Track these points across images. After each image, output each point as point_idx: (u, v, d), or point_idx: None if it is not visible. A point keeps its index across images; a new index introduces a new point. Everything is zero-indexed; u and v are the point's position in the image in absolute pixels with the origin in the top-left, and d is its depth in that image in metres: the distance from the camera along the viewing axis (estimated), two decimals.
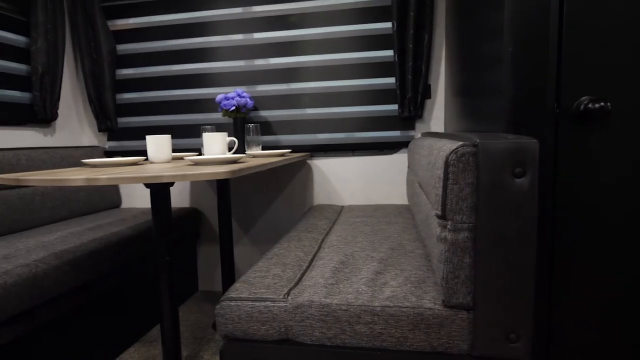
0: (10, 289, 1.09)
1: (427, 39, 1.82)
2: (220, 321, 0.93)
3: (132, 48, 2.16)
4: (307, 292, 0.93)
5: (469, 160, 0.79)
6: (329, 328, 0.88)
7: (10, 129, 1.82)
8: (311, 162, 2.07)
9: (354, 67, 1.98)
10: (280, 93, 2.05)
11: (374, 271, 1.02)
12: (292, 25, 2.02)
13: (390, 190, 2.02)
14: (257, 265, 1.13)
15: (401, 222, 1.54)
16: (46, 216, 1.76)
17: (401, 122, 1.96)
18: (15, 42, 1.85)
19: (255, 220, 2.14)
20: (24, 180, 0.97)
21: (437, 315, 0.84)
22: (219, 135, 1.42)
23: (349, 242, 1.29)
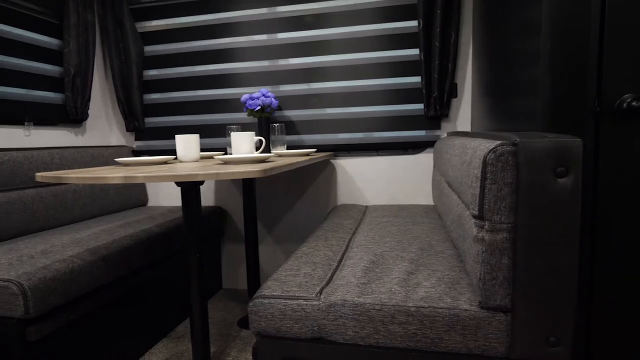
0: (49, 284, 1.13)
1: (454, 37, 1.79)
2: (253, 318, 0.94)
3: (159, 49, 2.20)
4: (339, 291, 0.93)
5: (508, 159, 0.78)
6: (362, 327, 0.88)
7: (44, 128, 1.88)
8: (335, 162, 2.07)
9: (378, 66, 1.97)
10: (304, 93, 2.06)
11: (405, 271, 1.02)
12: (315, 25, 2.02)
13: (414, 190, 2.00)
14: (287, 263, 1.14)
15: (428, 223, 1.53)
16: (78, 213, 1.81)
17: (426, 121, 1.94)
18: (49, 44, 1.91)
19: (279, 220, 2.15)
20: (65, 178, 1.00)
21: (473, 316, 0.83)
22: (246, 134, 1.44)
23: (377, 242, 1.28)
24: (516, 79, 1.18)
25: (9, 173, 1.53)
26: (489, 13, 1.54)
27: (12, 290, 1.05)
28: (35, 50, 1.84)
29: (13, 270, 1.12)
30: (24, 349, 1.08)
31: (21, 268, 1.13)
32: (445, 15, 1.76)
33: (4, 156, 1.53)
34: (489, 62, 1.56)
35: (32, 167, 1.62)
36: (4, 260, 1.22)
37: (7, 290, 1.05)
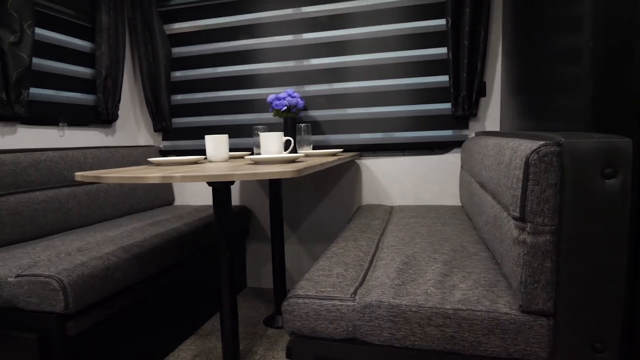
0: (87, 280, 1.16)
1: (483, 35, 1.76)
2: (288, 318, 0.94)
3: (186, 51, 2.23)
4: (374, 292, 0.92)
5: (552, 160, 0.76)
6: (398, 329, 0.87)
7: (77, 129, 1.93)
8: (360, 162, 2.06)
9: (404, 65, 1.95)
10: (329, 93, 2.06)
11: (439, 273, 1.00)
12: (340, 25, 2.02)
13: (441, 191, 1.97)
14: (319, 263, 1.14)
15: (458, 224, 1.50)
16: (109, 212, 1.85)
17: (454, 121, 1.92)
18: (82, 47, 1.96)
19: (303, 219, 2.15)
20: (104, 177, 1.02)
21: (513, 320, 0.81)
22: (275, 135, 1.44)
23: (407, 243, 1.27)
24: (553, 77, 1.15)
25: (46, 172, 1.58)
26: (521, 10, 1.50)
27: (53, 286, 1.08)
28: (69, 53, 1.89)
29: (53, 266, 1.15)
30: (64, 343, 1.12)
31: (60, 265, 1.17)
32: (474, 13, 1.73)
33: (42, 156, 1.58)
34: (520, 60, 1.53)
35: (67, 167, 1.67)
36: (43, 256, 1.26)
37: (48, 286, 1.09)
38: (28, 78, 1.60)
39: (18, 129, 1.65)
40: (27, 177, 1.50)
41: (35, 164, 1.54)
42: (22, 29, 1.56)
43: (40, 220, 1.53)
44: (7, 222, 1.41)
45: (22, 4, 1.55)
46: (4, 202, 1.41)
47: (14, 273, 1.14)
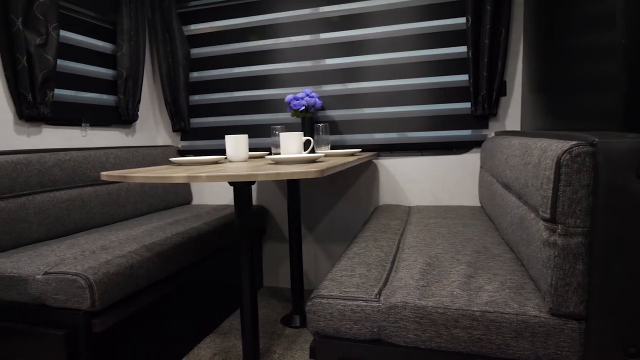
0: (112, 278, 1.18)
1: (504, 34, 1.74)
2: (312, 318, 0.94)
3: (204, 51, 2.25)
4: (399, 293, 0.92)
5: (585, 160, 0.74)
6: (424, 331, 0.87)
7: (98, 129, 1.96)
8: (377, 162, 2.05)
9: (423, 64, 1.94)
10: (347, 92, 2.06)
11: (464, 274, 0.99)
12: (357, 24, 2.01)
13: (459, 192, 1.95)
14: (341, 263, 1.14)
15: (478, 225, 1.49)
16: (130, 210, 1.88)
17: (473, 120, 1.90)
18: (103, 48, 1.99)
19: (320, 219, 2.15)
20: (130, 177, 1.04)
21: (543, 323, 0.80)
22: (295, 135, 1.45)
23: (428, 244, 1.26)
24: (581, 76, 1.12)
25: (70, 172, 1.61)
26: (545, 7, 1.48)
27: (79, 284, 1.10)
28: (91, 55, 1.92)
29: (79, 264, 1.18)
30: (90, 340, 1.14)
31: (86, 263, 1.19)
32: (495, 11, 1.71)
33: (66, 156, 1.61)
34: (543, 59, 1.50)
35: (90, 166, 1.70)
36: (69, 254, 1.28)
37: (75, 283, 1.11)
38: (53, 79, 1.63)
39: (43, 129, 1.68)
40: (52, 176, 1.53)
41: (60, 163, 1.57)
42: (47, 31, 1.60)
43: (65, 218, 1.56)
44: (33, 220, 1.44)
45: (48, 7, 1.58)
46: (30, 201, 1.44)
47: (41, 270, 1.17)
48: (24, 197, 1.43)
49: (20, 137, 1.60)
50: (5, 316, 1.19)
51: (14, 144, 1.57)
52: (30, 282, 1.16)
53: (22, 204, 1.41)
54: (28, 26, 1.55)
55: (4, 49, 1.51)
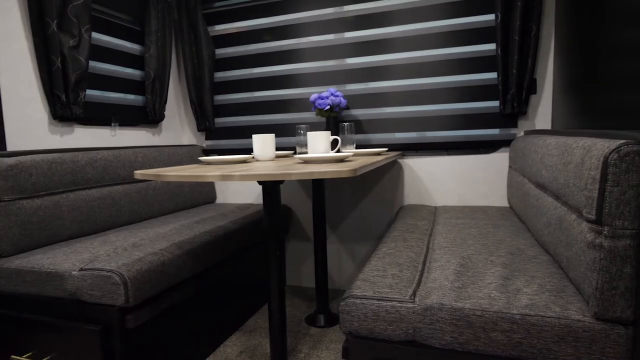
0: (145, 275, 1.20)
1: (534, 30, 1.69)
2: (345, 318, 0.94)
3: (229, 52, 2.27)
4: (434, 295, 0.90)
5: (634, 160, 0.72)
6: (461, 333, 0.85)
7: (127, 129, 2.00)
8: (402, 161, 2.03)
9: (449, 62, 1.91)
10: (371, 91, 2.04)
11: (500, 276, 0.97)
12: (382, 23, 1.99)
13: (486, 192, 1.91)
14: (371, 263, 1.13)
15: (509, 226, 1.45)
16: (157, 209, 1.91)
17: (502, 119, 1.86)
18: (132, 50, 2.03)
19: (343, 219, 2.15)
20: (164, 175, 1.05)
21: (587, 328, 0.77)
22: (323, 134, 1.44)
23: (460, 245, 1.24)
24: (619, 73, 1.08)
25: (101, 170, 1.64)
26: (578, 2, 1.43)
27: (114, 280, 1.13)
28: (120, 56, 1.96)
29: (113, 261, 1.20)
30: (123, 336, 1.16)
31: (120, 259, 1.21)
32: (526, 7, 1.67)
33: (97, 155, 1.65)
34: (576, 56, 1.46)
35: (120, 165, 1.73)
36: (102, 251, 1.31)
37: (110, 280, 1.13)
38: (85, 80, 1.67)
39: (75, 128, 1.73)
40: (84, 175, 1.57)
41: (92, 162, 1.61)
42: (80, 33, 1.64)
43: (96, 216, 1.59)
44: (67, 217, 1.48)
45: (81, 9, 1.62)
46: (64, 199, 1.48)
47: (77, 267, 1.20)
48: (58, 195, 1.47)
49: (54, 137, 1.64)
50: (42, 311, 1.22)
51: (48, 143, 1.61)
52: (66, 278, 1.18)
53: (57, 202, 1.45)
54: (62, 28, 1.59)
55: (40, 51, 1.55)
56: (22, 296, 1.25)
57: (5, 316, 1.25)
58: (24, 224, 1.34)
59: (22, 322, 1.23)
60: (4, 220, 1.29)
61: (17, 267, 1.25)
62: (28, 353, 1.22)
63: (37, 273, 1.22)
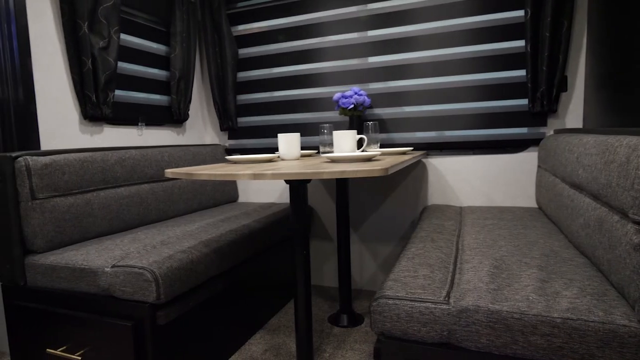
0: (175, 272, 1.21)
1: (566, 26, 1.65)
2: (377, 318, 0.93)
3: (252, 51, 2.28)
4: (469, 296, 0.88)
5: None
6: (498, 336, 0.83)
7: (153, 128, 2.03)
8: (426, 161, 2.00)
9: (475, 60, 1.87)
10: (394, 90, 2.02)
11: (536, 278, 0.95)
12: (406, 21, 1.97)
13: (514, 192, 1.87)
14: (401, 264, 1.11)
15: (540, 227, 1.42)
16: (182, 207, 1.94)
17: (530, 118, 1.81)
18: (158, 50, 2.06)
19: (366, 218, 2.13)
20: (196, 174, 1.06)
21: (634, 333, 0.75)
22: (349, 133, 1.43)
23: (490, 246, 1.21)
24: None
25: (130, 169, 1.67)
26: None
27: (146, 277, 1.14)
28: (147, 56, 1.99)
29: (144, 258, 1.22)
30: (154, 332, 1.17)
31: (150, 257, 1.23)
32: (557, 2, 1.62)
33: (126, 154, 1.68)
34: (611, 52, 1.41)
35: (147, 164, 1.76)
36: (132, 249, 1.33)
37: (142, 276, 1.15)
38: (114, 81, 1.70)
39: (104, 128, 1.76)
40: (114, 173, 1.60)
41: (121, 161, 1.64)
42: (109, 34, 1.67)
43: (125, 214, 1.62)
44: (97, 215, 1.51)
45: (110, 11, 1.65)
46: (95, 197, 1.51)
47: (109, 263, 1.22)
48: (89, 193, 1.50)
49: (84, 136, 1.68)
50: (76, 306, 1.25)
51: (79, 142, 1.65)
52: (99, 274, 1.21)
53: (88, 200, 1.48)
54: (93, 30, 1.62)
55: (71, 53, 1.59)
56: (56, 291, 1.28)
57: (41, 311, 1.29)
58: (58, 221, 1.37)
59: (56, 316, 1.26)
60: (39, 218, 1.32)
61: (51, 263, 1.28)
62: (62, 347, 1.25)
63: (71, 269, 1.25)
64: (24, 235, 1.33)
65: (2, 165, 1.29)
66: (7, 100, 1.44)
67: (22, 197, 1.31)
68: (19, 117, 1.45)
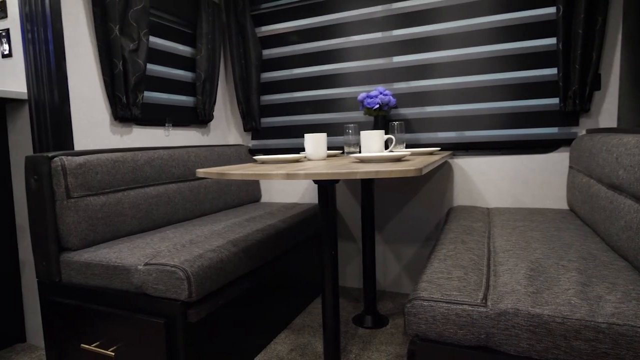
0: (206, 271, 1.23)
1: (600, 23, 1.60)
2: (412, 320, 0.92)
3: (276, 52, 2.30)
4: (508, 299, 0.87)
5: None
6: (539, 340, 0.81)
7: (179, 129, 2.07)
8: (451, 161, 1.98)
9: (503, 59, 1.84)
10: (419, 90, 2.00)
11: (576, 282, 0.92)
12: (431, 20, 1.95)
13: (543, 193, 1.83)
14: (433, 265, 1.10)
15: (573, 229, 1.38)
16: (207, 207, 1.96)
17: (561, 117, 1.77)
18: (184, 52, 2.09)
19: (390, 219, 2.12)
20: (229, 174, 1.07)
21: None
22: (377, 133, 1.43)
23: (524, 248, 1.19)
24: None
25: (158, 169, 1.70)
26: None
27: (178, 275, 1.16)
28: (174, 58, 2.03)
29: (175, 257, 1.23)
30: (186, 330, 1.19)
31: (181, 255, 1.25)
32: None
33: (155, 154, 1.71)
34: None
35: (174, 164, 1.79)
36: (163, 247, 1.35)
37: (174, 274, 1.16)
38: (143, 82, 1.74)
39: (133, 129, 1.80)
40: (143, 173, 1.63)
41: (150, 161, 1.67)
42: (139, 37, 1.70)
43: (154, 213, 1.65)
44: (127, 214, 1.54)
45: (140, 14, 1.69)
46: (125, 196, 1.54)
47: (142, 261, 1.24)
48: (120, 193, 1.53)
49: (115, 137, 1.71)
50: (109, 302, 1.28)
51: (110, 142, 1.69)
52: (132, 272, 1.23)
53: (119, 199, 1.51)
54: (123, 33, 1.66)
55: (103, 55, 1.63)
56: (90, 288, 1.31)
57: (75, 306, 1.32)
58: (91, 220, 1.41)
59: (90, 312, 1.29)
60: (73, 216, 1.36)
61: (86, 261, 1.31)
62: (96, 342, 1.28)
63: (105, 267, 1.28)
64: (59, 233, 1.37)
65: (39, 165, 1.33)
66: (44, 102, 1.49)
67: (58, 196, 1.35)
68: (54, 118, 1.49)
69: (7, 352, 1.63)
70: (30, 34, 1.48)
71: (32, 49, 1.49)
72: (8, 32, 1.54)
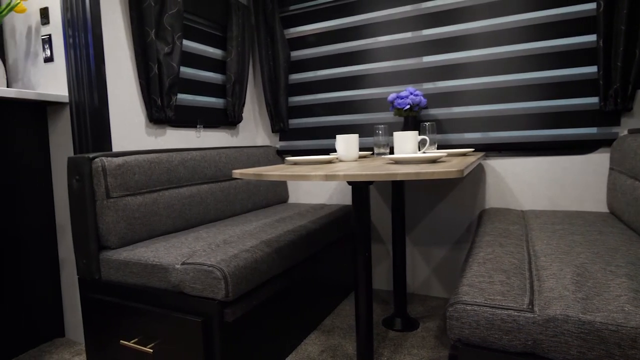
0: (242, 271, 1.24)
1: None
2: (454, 324, 0.90)
3: (304, 54, 2.30)
4: (556, 305, 0.84)
5: None
6: (591, 348, 0.78)
7: (210, 130, 2.10)
8: (483, 163, 1.94)
9: (538, 57, 1.79)
10: (450, 90, 1.97)
11: (628, 288, 0.88)
12: (462, 18, 1.91)
13: (581, 195, 1.77)
14: (473, 269, 1.08)
15: (617, 233, 1.33)
16: (238, 207, 1.98)
17: (601, 117, 1.71)
18: (214, 54, 2.13)
19: (419, 221, 2.09)
20: (266, 175, 1.08)
21: None
22: (410, 134, 1.41)
23: (567, 252, 1.15)
24: None
25: (191, 170, 1.73)
26: None
27: (215, 275, 1.18)
28: (205, 61, 2.06)
29: (211, 256, 1.25)
30: (222, 329, 1.20)
31: (217, 255, 1.26)
32: None
33: (188, 155, 1.74)
34: None
35: (207, 165, 1.82)
36: (198, 247, 1.37)
37: (211, 274, 1.18)
38: (177, 85, 1.77)
39: (167, 130, 1.84)
40: (177, 174, 1.66)
41: (183, 162, 1.70)
42: (173, 40, 1.74)
43: (187, 213, 1.68)
44: (162, 213, 1.57)
45: (175, 18, 1.72)
46: (160, 197, 1.58)
47: (179, 261, 1.26)
48: (155, 193, 1.57)
49: (149, 138, 1.76)
50: (147, 300, 1.31)
51: (145, 144, 1.73)
52: (170, 271, 1.26)
53: (155, 199, 1.55)
54: (159, 36, 1.70)
55: (139, 59, 1.67)
56: (129, 286, 1.34)
57: (114, 304, 1.36)
58: (129, 219, 1.44)
59: (129, 309, 1.33)
60: (112, 215, 1.40)
61: (124, 259, 1.35)
62: (134, 339, 1.31)
63: (143, 265, 1.31)
64: (99, 232, 1.41)
65: (80, 166, 1.38)
66: (84, 105, 1.54)
67: (98, 196, 1.39)
68: (93, 120, 1.54)
69: (47, 347, 1.69)
70: (72, 39, 1.53)
71: (73, 53, 1.54)
72: (50, 38, 1.60)
